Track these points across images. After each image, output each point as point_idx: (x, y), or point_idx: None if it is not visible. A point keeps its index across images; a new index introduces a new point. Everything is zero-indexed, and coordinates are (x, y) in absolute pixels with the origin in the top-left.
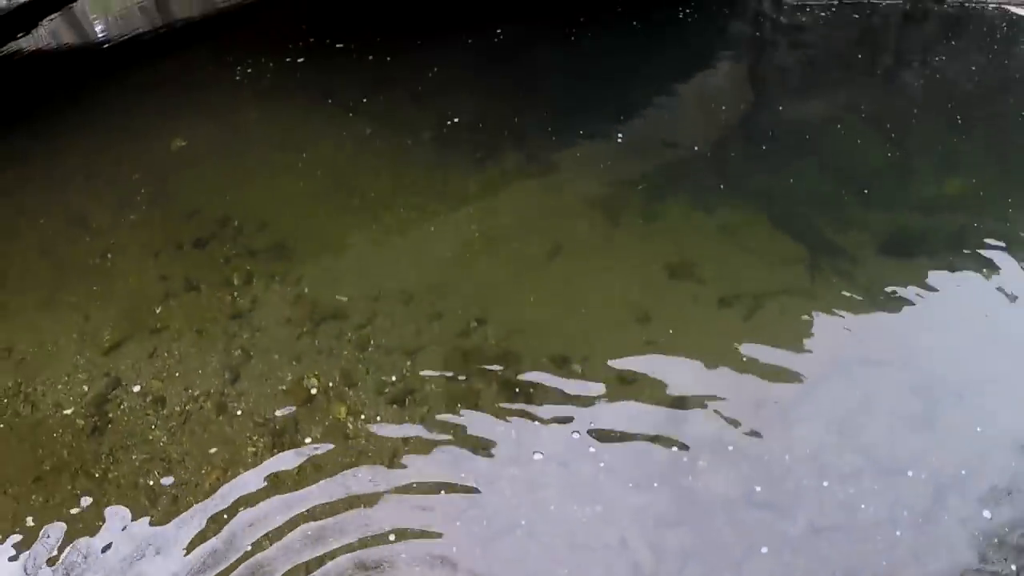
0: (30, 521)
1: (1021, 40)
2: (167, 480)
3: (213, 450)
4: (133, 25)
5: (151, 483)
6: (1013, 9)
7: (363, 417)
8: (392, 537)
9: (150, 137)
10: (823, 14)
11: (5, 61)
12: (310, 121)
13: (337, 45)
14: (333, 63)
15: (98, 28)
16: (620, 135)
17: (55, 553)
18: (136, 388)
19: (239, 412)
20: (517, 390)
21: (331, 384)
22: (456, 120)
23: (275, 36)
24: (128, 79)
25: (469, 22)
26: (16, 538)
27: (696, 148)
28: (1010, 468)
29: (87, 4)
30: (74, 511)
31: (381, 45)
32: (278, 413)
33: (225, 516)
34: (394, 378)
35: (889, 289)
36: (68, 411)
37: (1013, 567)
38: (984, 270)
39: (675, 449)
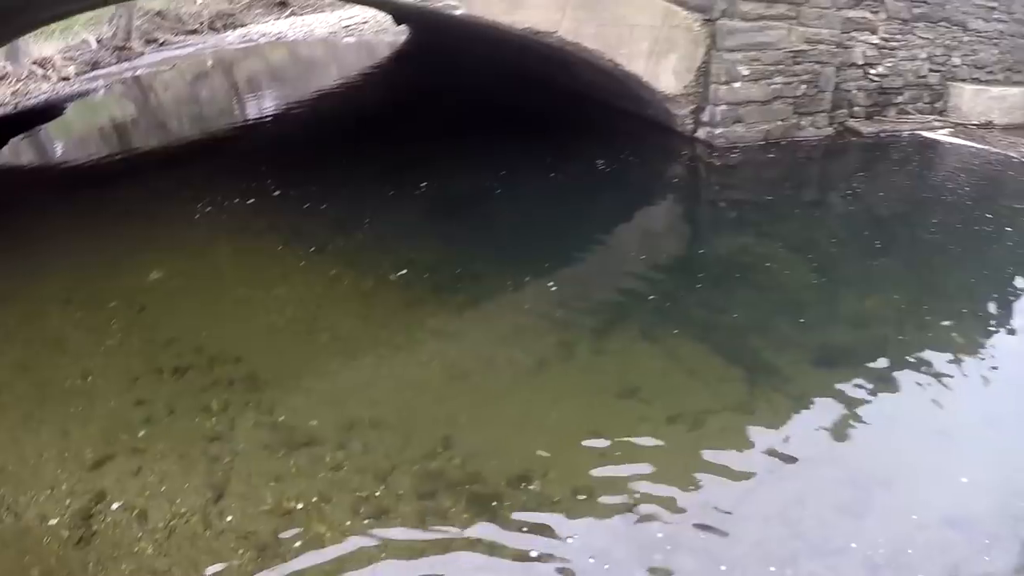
0: None
1: (935, 162)
2: None
3: (199, 562)
4: (91, 150)
5: None
6: (926, 134)
7: (341, 532)
8: None
9: (124, 267)
10: (752, 155)
11: None
12: (279, 260)
13: (296, 190)
14: (295, 206)
15: (58, 150)
16: (569, 274)
17: None
18: (120, 503)
19: (223, 528)
20: (482, 506)
21: (310, 503)
22: (416, 261)
23: (235, 175)
24: (99, 206)
25: (422, 174)
26: None
27: (639, 283)
28: (936, 541)
29: (50, 126)
30: None
31: (341, 191)
32: (261, 529)
33: None
34: (368, 496)
35: (819, 397)
36: (53, 521)
37: None
38: (905, 373)
39: (631, 550)
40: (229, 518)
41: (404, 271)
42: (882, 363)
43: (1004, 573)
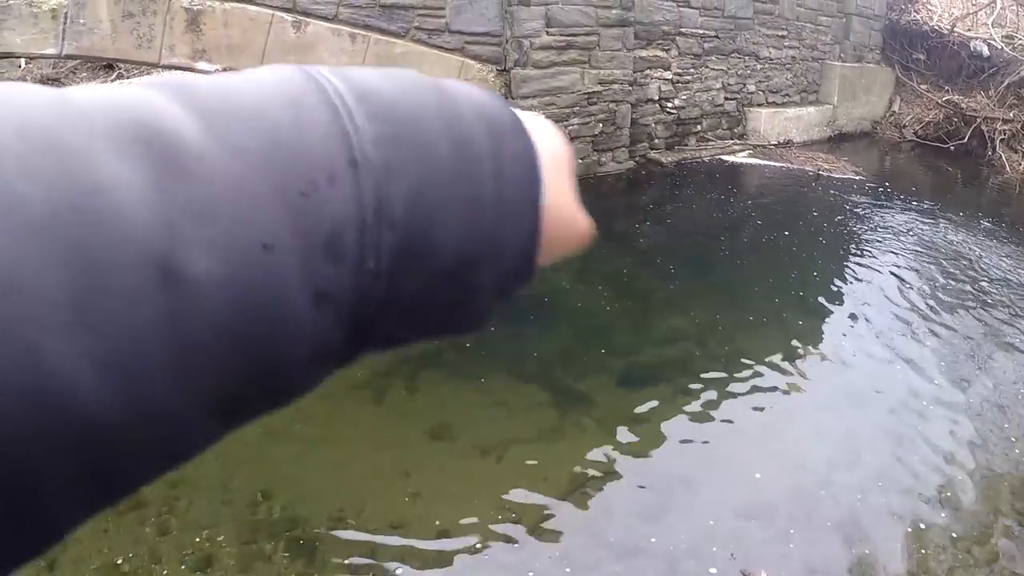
0: None
1: (735, 184)
2: None
3: None
4: None
5: None
6: (727, 158)
7: None
8: None
9: None
10: None
11: None
12: None
13: None
14: None
15: None
16: None
17: None
18: None
19: None
20: (303, 545)
21: (140, 563)
22: None
23: None
24: None
25: None
26: None
27: None
28: (732, 531)
29: None
30: None
31: None
32: None
33: None
34: (193, 551)
35: (623, 414)
36: None
37: None
38: (706, 384)
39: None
40: None
41: None
42: (684, 378)
43: (798, 555)
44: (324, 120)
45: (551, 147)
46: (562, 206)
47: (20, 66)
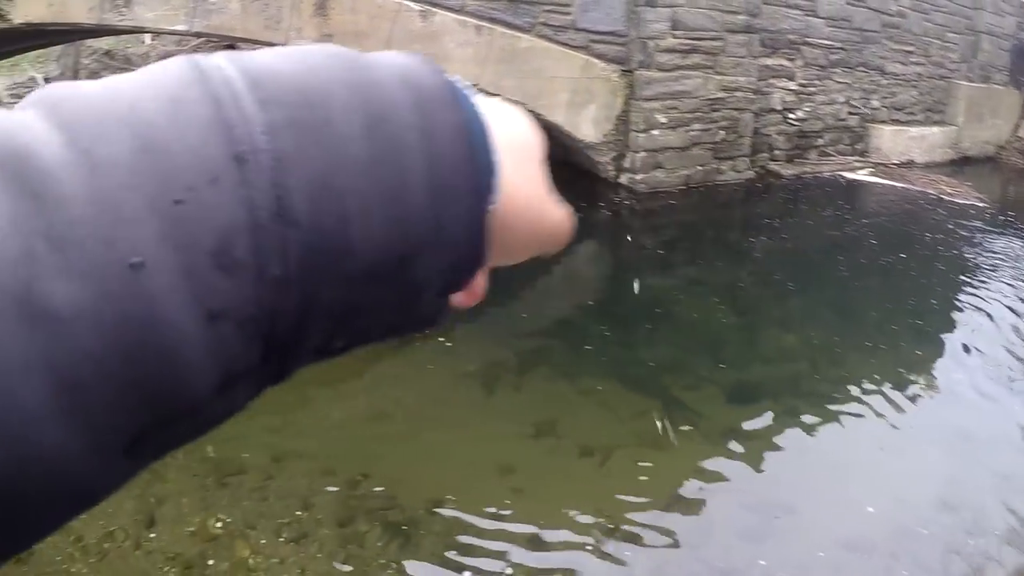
0: None
1: (855, 202)
2: None
3: None
4: None
5: None
6: (847, 175)
7: (263, 555)
8: None
9: None
10: (673, 199)
11: None
12: None
13: None
14: None
15: None
16: (493, 315)
17: None
18: None
19: (152, 549)
20: (398, 529)
21: (234, 527)
22: None
23: None
24: None
25: None
26: None
27: (561, 326)
28: (833, 562)
29: None
30: None
31: None
32: (187, 550)
33: None
34: (290, 522)
35: (730, 430)
36: None
37: None
38: (816, 407)
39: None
40: (158, 541)
41: None
42: (794, 399)
43: None
44: (204, 114)
45: (515, 131)
46: (529, 196)
47: (144, 41)
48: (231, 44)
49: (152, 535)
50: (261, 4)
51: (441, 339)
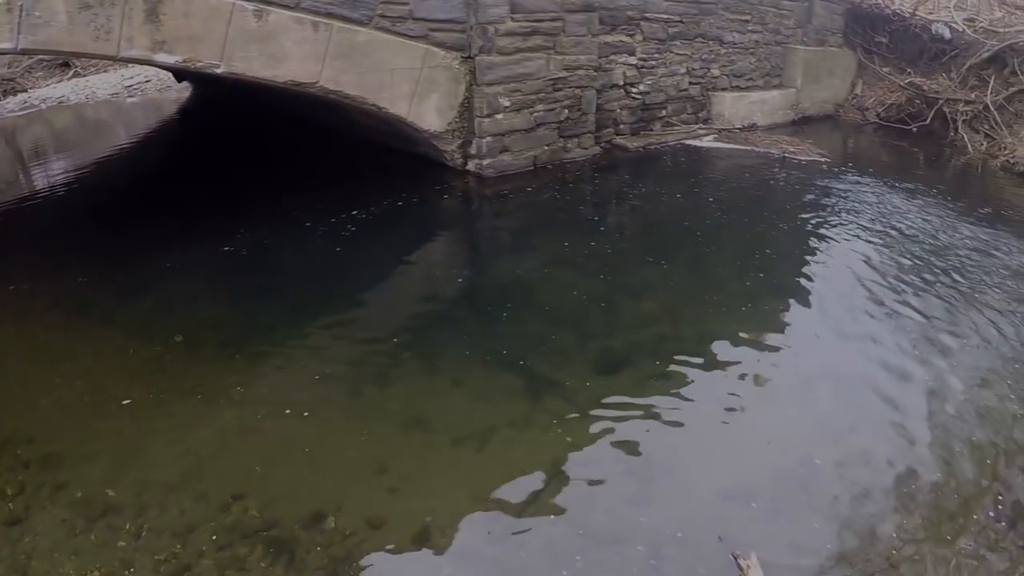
0: None
1: (700, 167)
2: None
3: None
4: None
5: None
6: (692, 142)
7: None
8: None
9: None
10: (522, 181)
11: None
12: (65, 336)
13: (77, 263)
14: (76, 282)
15: None
16: (355, 315)
17: None
18: None
19: None
20: (281, 547)
21: (113, 572)
22: (203, 321)
23: (13, 252)
24: None
25: (202, 235)
26: None
27: (422, 318)
28: (717, 514)
29: None
30: None
31: (122, 258)
32: None
33: None
34: (167, 558)
35: (602, 400)
36: None
37: None
38: (681, 368)
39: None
40: None
41: (190, 333)
42: (659, 362)
43: (783, 534)
44: None
45: None
46: None
47: None
48: (66, 63)
49: None
50: (89, 14)
51: (304, 345)
